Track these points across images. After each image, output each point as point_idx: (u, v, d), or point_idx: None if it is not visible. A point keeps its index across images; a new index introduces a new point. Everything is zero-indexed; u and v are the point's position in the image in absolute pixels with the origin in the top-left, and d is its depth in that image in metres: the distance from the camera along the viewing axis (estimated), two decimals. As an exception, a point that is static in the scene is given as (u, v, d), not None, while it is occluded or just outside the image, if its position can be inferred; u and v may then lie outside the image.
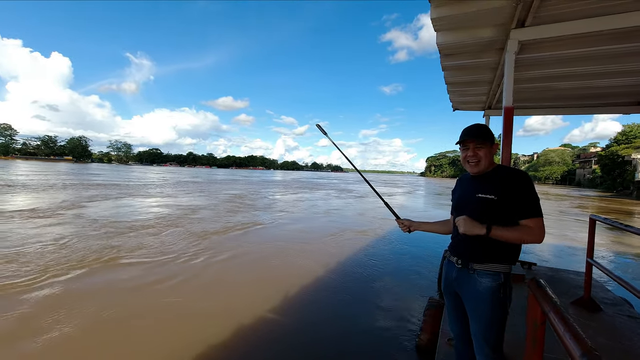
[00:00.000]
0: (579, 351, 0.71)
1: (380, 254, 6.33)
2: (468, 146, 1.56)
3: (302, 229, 8.82)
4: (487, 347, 1.47)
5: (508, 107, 2.96)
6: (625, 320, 2.74)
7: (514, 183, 1.43)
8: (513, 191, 1.42)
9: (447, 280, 1.68)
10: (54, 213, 9.37)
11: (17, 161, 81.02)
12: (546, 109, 5.57)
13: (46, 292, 3.90)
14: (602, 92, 4.54)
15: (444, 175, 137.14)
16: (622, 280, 2.40)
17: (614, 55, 3.29)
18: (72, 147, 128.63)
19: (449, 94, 5.07)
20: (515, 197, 1.42)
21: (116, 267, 4.94)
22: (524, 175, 1.45)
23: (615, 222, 2.59)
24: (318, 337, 3.13)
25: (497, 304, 1.45)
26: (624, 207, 21.46)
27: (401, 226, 1.94)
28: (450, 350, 2.19)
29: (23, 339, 2.90)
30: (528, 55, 3.33)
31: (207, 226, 8.49)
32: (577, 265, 6.16)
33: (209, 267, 5.11)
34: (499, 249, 1.45)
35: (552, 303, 0.92)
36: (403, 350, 2.98)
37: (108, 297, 3.84)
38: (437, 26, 2.96)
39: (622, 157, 40.34)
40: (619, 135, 45.81)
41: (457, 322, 1.68)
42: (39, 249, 5.65)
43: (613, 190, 41.75)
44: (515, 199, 1.41)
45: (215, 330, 3.18)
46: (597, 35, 2.82)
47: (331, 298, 4.09)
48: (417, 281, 4.89)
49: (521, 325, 2.39)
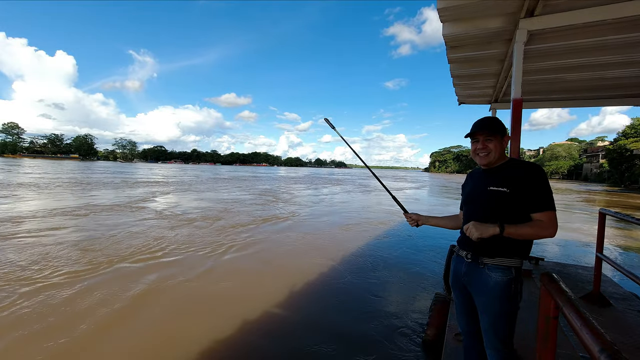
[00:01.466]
0: (597, 346, 0.68)
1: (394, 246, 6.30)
2: (478, 139, 1.54)
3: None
4: (498, 342, 1.45)
5: (517, 99, 2.91)
6: (635, 315, 2.70)
7: (527, 175, 1.40)
8: (526, 184, 1.39)
9: (455, 274, 1.66)
10: (137, 207, 10.63)
11: (24, 159, 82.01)
12: (554, 101, 5.48)
13: (227, 257, 5.42)
14: (612, 83, 4.44)
15: (448, 171, 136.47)
16: (632, 275, 2.35)
17: (624, 45, 3.21)
18: (78, 145, 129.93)
19: (455, 87, 5.00)
20: (528, 189, 1.38)
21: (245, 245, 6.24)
22: (538, 168, 1.42)
23: (626, 215, 2.54)
24: (320, 330, 3.14)
25: (507, 298, 1.43)
26: (632, 201, 21.15)
27: (409, 220, 1.92)
28: (457, 345, 2.17)
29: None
30: (537, 46, 3.25)
31: (267, 213, 10.30)
32: (585, 260, 6.09)
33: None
34: (510, 242, 1.42)
35: (567, 297, 0.90)
36: (410, 344, 2.97)
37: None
38: (444, 17, 2.90)
39: (630, 151, 39.70)
40: (628, 128, 44.86)
41: (466, 316, 1.66)
42: (178, 237, 6.61)
43: (621, 185, 41.18)
44: (528, 191, 1.38)
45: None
46: (608, 24, 2.74)
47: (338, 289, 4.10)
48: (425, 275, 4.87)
49: (529, 319, 2.36)
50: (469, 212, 1.60)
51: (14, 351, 2.67)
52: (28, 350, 2.68)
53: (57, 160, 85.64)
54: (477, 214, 1.53)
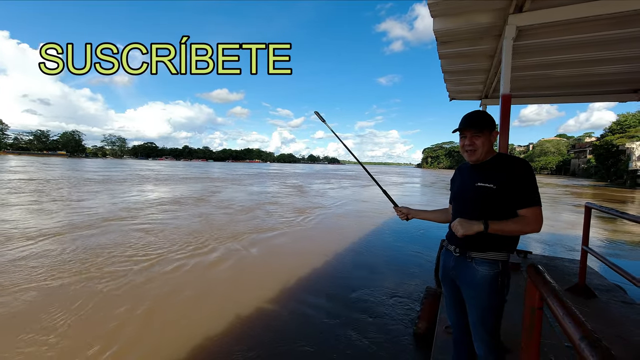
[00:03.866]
0: (578, 334, 0.70)
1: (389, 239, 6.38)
2: (466, 135, 1.53)
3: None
4: (486, 334, 1.47)
5: (505, 95, 2.94)
6: (619, 305, 2.78)
7: (514, 171, 1.41)
8: (512, 179, 1.40)
9: (444, 268, 1.68)
10: (200, 201, 11.74)
11: (9, 156, 79.78)
12: (543, 97, 5.55)
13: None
14: (600, 79, 4.53)
15: (440, 167, 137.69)
16: (616, 267, 2.42)
17: (612, 42, 3.25)
18: (66, 142, 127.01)
19: (446, 83, 5.03)
20: (514, 185, 1.39)
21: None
22: (524, 164, 1.42)
23: (611, 209, 2.60)
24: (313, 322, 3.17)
25: (494, 292, 1.44)
26: (617, 194, 21.70)
27: (399, 214, 1.92)
28: (447, 338, 2.20)
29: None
30: (525, 42, 3.28)
31: (305, 203, 12.41)
32: (570, 253, 6.24)
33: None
34: (497, 237, 1.43)
35: (551, 288, 0.91)
36: (401, 337, 3.00)
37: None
38: (434, 12, 2.90)
39: (616, 147, 40.59)
40: (614, 124, 45.92)
41: (455, 310, 1.68)
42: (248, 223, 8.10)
43: (607, 180, 42.16)
44: (514, 187, 1.39)
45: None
46: (596, 20, 2.78)
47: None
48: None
49: (516, 312, 2.41)
50: (458, 208, 1.61)
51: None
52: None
53: (43, 157, 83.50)
54: (465, 210, 1.54)
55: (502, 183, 1.41)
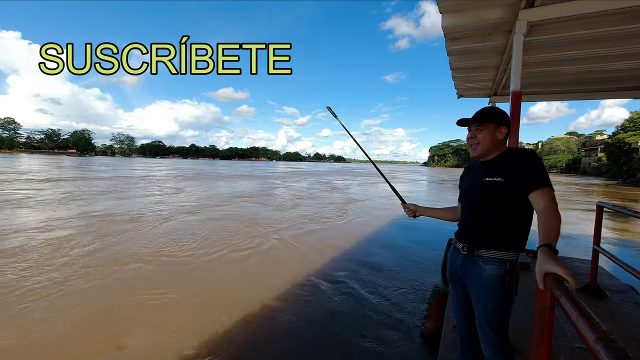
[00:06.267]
0: (593, 335, 0.68)
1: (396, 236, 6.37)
2: (470, 128, 1.54)
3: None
4: (493, 335, 1.45)
5: (516, 92, 2.89)
6: (631, 306, 2.72)
7: (520, 159, 1.39)
8: (519, 166, 1.37)
9: (452, 267, 1.66)
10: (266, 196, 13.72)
11: (22, 155, 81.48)
12: (553, 94, 5.45)
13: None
14: (611, 76, 4.42)
15: (447, 165, 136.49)
16: (629, 267, 2.37)
17: (625, 37, 3.17)
18: (76, 140, 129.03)
19: (454, 80, 4.97)
20: (522, 171, 1.35)
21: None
22: (531, 152, 1.40)
23: (623, 209, 2.55)
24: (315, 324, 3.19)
25: (501, 291, 1.41)
26: (629, 193, 21.22)
27: (407, 211, 1.91)
28: (455, 337, 2.18)
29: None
30: (536, 38, 3.22)
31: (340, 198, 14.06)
32: (581, 253, 6.13)
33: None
34: (506, 235, 1.41)
35: (563, 287, 0.90)
36: (409, 336, 2.99)
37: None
38: (443, 8, 2.86)
39: (629, 145, 39.70)
40: (627, 122, 44.74)
41: (462, 309, 1.66)
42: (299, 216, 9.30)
43: (619, 179, 41.27)
44: (523, 172, 1.35)
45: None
46: (608, 15, 2.71)
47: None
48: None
49: (525, 312, 2.38)
50: (467, 205, 1.59)
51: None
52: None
53: (55, 156, 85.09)
54: (475, 206, 1.52)
55: (509, 174, 1.38)
